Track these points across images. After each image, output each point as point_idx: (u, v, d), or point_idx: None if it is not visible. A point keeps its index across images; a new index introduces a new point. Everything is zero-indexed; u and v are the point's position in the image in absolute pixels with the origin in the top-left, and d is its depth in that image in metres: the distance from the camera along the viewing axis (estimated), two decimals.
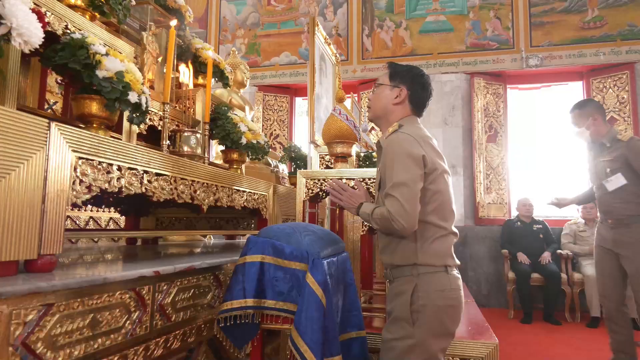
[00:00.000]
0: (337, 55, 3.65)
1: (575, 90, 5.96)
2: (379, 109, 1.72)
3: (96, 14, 1.88)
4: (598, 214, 3.28)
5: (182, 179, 1.83)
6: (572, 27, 5.73)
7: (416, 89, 1.71)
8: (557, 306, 4.82)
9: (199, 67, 2.86)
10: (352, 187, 1.75)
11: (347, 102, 3.62)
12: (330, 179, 1.72)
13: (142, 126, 2.11)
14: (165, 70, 2.24)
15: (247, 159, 2.84)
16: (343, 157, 2.41)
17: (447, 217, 1.58)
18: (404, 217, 1.45)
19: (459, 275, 1.60)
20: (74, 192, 1.27)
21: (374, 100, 1.74)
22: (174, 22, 2.14)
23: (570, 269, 4.95)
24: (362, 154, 3.08)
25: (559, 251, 5.05)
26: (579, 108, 3.15)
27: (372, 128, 6.21)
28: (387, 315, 1.64)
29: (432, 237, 1.53)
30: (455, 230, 1.62)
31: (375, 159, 3.21)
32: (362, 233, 2.39)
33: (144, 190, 1.59)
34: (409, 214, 1.45)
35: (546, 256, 4.89)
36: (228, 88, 3.54)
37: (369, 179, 2.22)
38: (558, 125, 6.23)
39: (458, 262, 1.61)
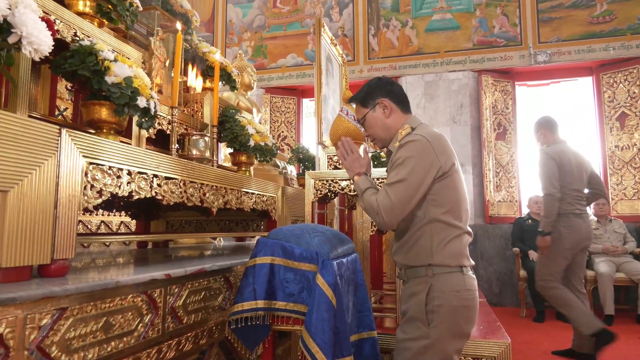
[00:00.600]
0: (344, 56, 3.65)
1: (585, 86, 5.90)
2: (381, 132, 1.70)
3: (104, 20, 1.90)
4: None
5: (191, 182, 1.84)
6: (581, 22, 5.67)
7: (390, 91, 1.70)
8: None
9: (206, 70, 2.88)
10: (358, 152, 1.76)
11: None
12: (344, 139, 1.73)
13: (151, 130, 2.13)
14: (172, 75, 2.26)
15: (256, 161, 2.85)
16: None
17: (461, 216, 1.57)
18: (389, 214, 1.48)
19: (474, 276, 1.59)
20: (85, 197, 1.29)
21: (370, 130, 1.73)
22: (179, 26, 2.16)
23: None
24: (369, 154, 3.08)
25: None
26: (534, 124, 3.77)
27: None
28: (401, 315, 1.64)
29: (448, 237, 1.52)
30: (470, 229, 1.61)
31: (383, 159, 3.21)
32: (371, 233, 2.39)
33: (153, 194, 1.60)
34: (395, 213, 1.48)
35: None
36: (235, 91, 3.55)
37: (377, 179, 2.22)
38: (568, 122, 6.17)
39: (473, 262, 1.60)
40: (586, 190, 3.51)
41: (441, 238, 1.52)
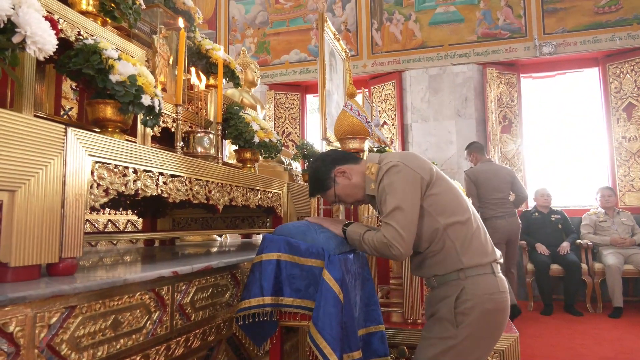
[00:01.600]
0: (347, 51, 3.64)
1: (591, 77, 5.84)
2: (357, 194, 1.68)
3: (107, 19, 1.90)
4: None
5: (196, 179, 1.84)
6: (586, 13, 5.61)
7: (332, 159, 1.70)
8: (578, 297, 4.75)
9: (210, 67, 2.88)
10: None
11: (359, 98, 3.60)
12: (305, 218, 1.75)
13: (155, 128, 2.13)
14: (176, 73, 2.26)
15: (260, 158, 2.85)
16: (356, 153, 2.40)
17: (466, 210, 1.57)
18: (401, 243, 1.45)
19: (504, 277, 1.58)
20: (92, 196, 1.29)
21: (349, 200, 1.71)
22: (183, 23, 2.15)
23: (590, 258, 4.87)
24: (374, 149, 3.07)
25: (578, 241, 4.97)
26: (466, 149, 4.91)
27: (385, 122, 6.19)
28: (427, 317, 1.63)
29: (467, 236, 1.52)
30: (479, 220, 1.60)
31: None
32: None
33: (159, 191, 1.61)
34: (405, 240, 1.46)
35: (565, 246, 4.82)
36: (239, 88, 3.55)
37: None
38: (575, 113, 6.13)
39: (500, 252, 1.60)
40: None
41: (462, 239, 1.51)
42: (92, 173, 1.30)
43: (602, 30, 5.53)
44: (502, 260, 1.60)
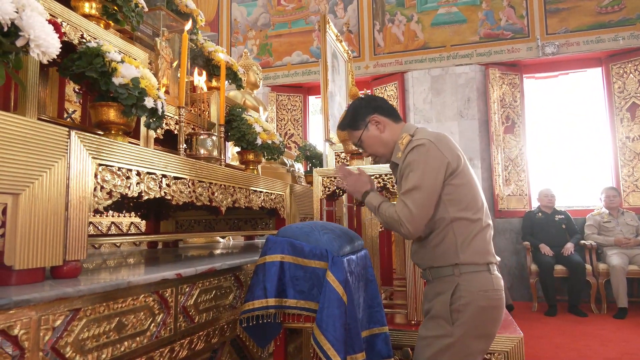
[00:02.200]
0: (349, 52, 3.64)
1: (594, 77, 5.83)
2: (380, 149, 1.69)
3: (110, 22, 1.91)
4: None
5: (199, 181, 1.85)
6: (589, 13, 5.60)
7: (376, 106, 1.69)
8: (582, 298, 4.73)
9: (212, 70, 2.88)
10: (355, 171, 1.74)
11: None
12: (339, 165, 1.73)
13: (158, 131, 2.13)
14: (179, 75, 2.26)
15: (263, 160, 2.85)
16: (359, 154, 2.40)
17: (479, 209, 1.55)
18: (411, 223, 1.46)
19: (500, 275, 1.57)
20: (96, 199, 1.30)
21: (370, 150, 1.71)
22: (187, 26, 2.16)
23: (594, 259, 4.85)
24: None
25: (582, 242, 4.95)
26: None
27: None
28: (424, 314, 1.63)
29: (471, 234, 1.51)
30: (490, 220, 1.60)
31: None
32: (380, 230, 2.38)
33: (163, 194, 1.61)
34: (416, 221, 1.46)
35: (569, 247, 4.80)
36: (241, 90, 3.56)
37: (385, 175, 2.21)
38: (578, 114, 6.11)
39: (499, 258, 1.59)
40: None
41: (464, 236, 1.51)
42: (95, 176, 1.30)
43: (605, 30, 5.51)
44: (498, 262, 1.59)
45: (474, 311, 1.46)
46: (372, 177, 2.23)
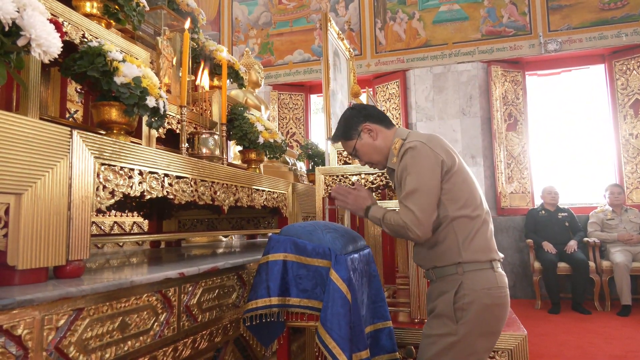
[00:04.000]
0: (351, 50, 3.63)
1: (597, 74, 5.80)
2: (375, 156, 1.69)
3: (111, 21, 1.91)
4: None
5: (202, 180, 1.84)
6: (592, 9, 5.57)
7: (367, 114, 1.70)
8: (586, 295, 4.72)
9: (214, 69, 2.88)
10: (352, 188, 1.73)
11: (363, 97, 3.59)
12: (335, 187, 1.73)
13: (160, 130, 2.13)
14: (180, 74, 2.26)
15: (265, 158, 2.85)
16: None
17: (478, 205, 1.55)
18: (418, 226, 1.46)
19: (504, 272, 1.57)
20: (98, 198, 1.29)
21: (366, 158, 1.71)
22: (187, 25, 2.16)
23: (598, 256, 4.83)
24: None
25: (585, 239, 4.94)
26: None
27: None
28: (428, 313, 1.63)
29: (472, 231, 1.51)
30: (489, 216, 1.59)
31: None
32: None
33: (165, 193, 1.61)
34: (423, 223, 1.46)
35: (572, 244, 4.79)
36: (243, 89, 3.55)
37: (373, 174, 2.21)
38: (581, 111, 6.09)
39: (502, 255, 1.59)
40: None
41: (465, 234, 1.51)
42: (98, 175, 1.30)
43: (607, 27, 5.49)
44: (502, 260, 1.58)
45: (478, 309, 1.46)
46: (376, 176, 2.22)
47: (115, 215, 3.20)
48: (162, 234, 2.80)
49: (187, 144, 2.15)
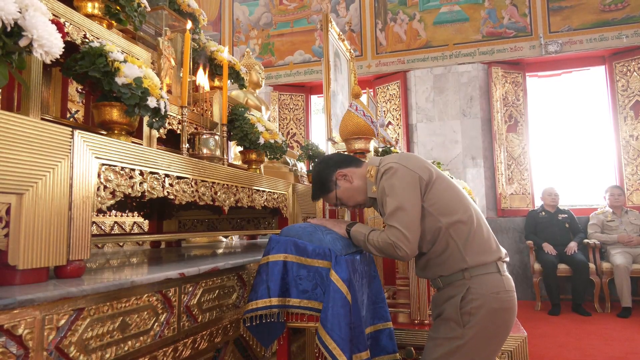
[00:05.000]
0: (352, 51, 3.63)
1: (597, 75, 5.80)
2: (358, 197, 1.70)
3: (113, 22, 1.91)
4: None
5: (202, 181, 1.85)
6: (592, 10, 5.57)
7: (336, 162, 1.72)
8: (586, 297, 4.72)
9: (215, 69, 2.88)
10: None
11: (363, 98, 3.60)
12: (309, 220, 1.75)
13: (161, 130, 2.13)
14: (181, 75, 2.26)
15: (266, 159, 2.85)
16: (361, 153, 2.40)
17: (467, 207, 1.56)
18: (406, 244, 1.46)
19: (510, 276, 1.57)
20: (99, 198, 1.30)
21: (351, 202, 1.72)
22: (189, 25, 2.16)
23: (598, 258, 4.83)
24: (380, 149, 3.06)
25: (585, 241, 4.94)
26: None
27: (390, 123, 6.18)
28: (433, 318, 1.63)
29: (469, 234, 1.51)
30: (481, 215, 1.59)
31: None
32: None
33: (165, 193, 1.61)
34: (410, 241, 1.46)
35: (572, 246, 4.79)
36: (244, 89, 3.55)
37: None
38: (581, 112, 6.09)
39: (505, 250, 1.59)
40: None
41: (464, 238, 1.51)
42: (99, 175, 1.30)
43: (608, 28, 5.49)
44: (507, 259, 1.59)
45: (485, 314, 1.46)
46: None
47: (115, 215, 3.21)
48: (163, 234, 2.80)
49: (187, 145, 2.15)
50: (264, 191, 2.38)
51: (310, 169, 4.10)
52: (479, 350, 1.47)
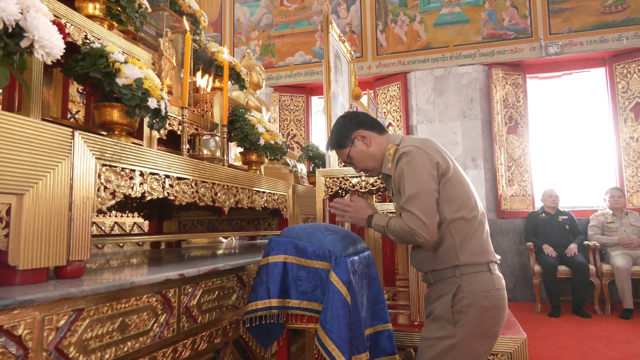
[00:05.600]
0: (352, 53, 3.63)
1: (598, 77, 5.80)
2: (370, 163, 1.69)
3: (114, 22, 1.91)
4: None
5: (202, 182, 1.85)
6: (593, 12, 5.58)
7: (359, 121, 1.70)
8: (586, 298, 4.71)
9: (215, 70, 2.89)
10: (350, 201, 1.72)
11: (364, 99, 3.60)
12: (333, 202, 1.73)
13: (162, 131, 2.14)
14: (182, 75, 2.26)
15: (266, 160, 2.85)
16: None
17: (473, 207, 1.56)
18: (425, 230, 1.45)
19: (501, 275, 1.57)
20: (99, 199, 1.30)
21: (361, 165, 1.71)
22: (188, 26, 2.16)
23: (598, 260, 4.83)
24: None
25: (585, 242, 4.93)
26: None
27: (390, 124, 6.18)
28: (426, 316, 1.64)
29: (468, 233, 1.51)
30: (484, 217, 1.59)
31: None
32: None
33: (166, 194, 1.61)
34: (429, 227, 1.46)
35: (573, 248, 4.78)
36: (244, 90, 3.56)
37: (371, 181, 2.20)
38: (581, 114, 6.09)
39: (498, 256, 1.59)
40: None
41: (462, 236, 1.51)
42: (99, 176, 1.30)
43: (608, 30, 5.49)
44: (499, 261, 1.59)
45: (476, 312, 1.46)
46: (376, 178, 2.23)
47: (115, 216, 3.21)
48: (163, 234, 2.80)
49: (188, 145, 2.16)
50: (264, 192, 2.39)
51: (311, 169, 4.10)
52: (471, 349, 1.48)
